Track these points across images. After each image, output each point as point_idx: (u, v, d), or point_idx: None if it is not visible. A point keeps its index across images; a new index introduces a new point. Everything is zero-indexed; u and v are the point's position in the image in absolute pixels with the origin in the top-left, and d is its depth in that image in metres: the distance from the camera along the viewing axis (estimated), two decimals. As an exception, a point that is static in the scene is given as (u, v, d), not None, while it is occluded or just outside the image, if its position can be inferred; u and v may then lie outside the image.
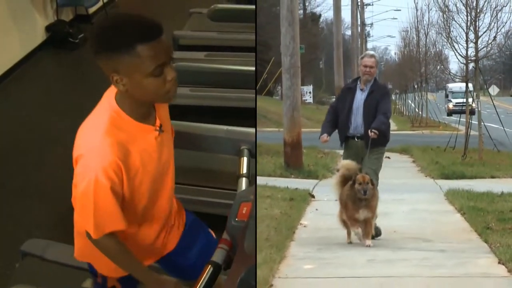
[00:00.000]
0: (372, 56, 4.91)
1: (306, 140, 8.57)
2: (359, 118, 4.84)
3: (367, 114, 4.80)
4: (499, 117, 11.56)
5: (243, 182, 3.98)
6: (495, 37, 9.88)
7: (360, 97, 4.87)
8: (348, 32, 24.68)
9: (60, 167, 2.79)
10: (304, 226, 5.18)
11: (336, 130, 4.94)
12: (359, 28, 23.46)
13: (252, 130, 4.55)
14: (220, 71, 7.83)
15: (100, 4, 11.76)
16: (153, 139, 2.96)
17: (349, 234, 4.57)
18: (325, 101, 26.37)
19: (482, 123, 9.84)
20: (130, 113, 2.84)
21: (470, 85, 10.66)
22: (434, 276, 3.87)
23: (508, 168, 8.71)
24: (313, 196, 6.44)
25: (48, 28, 10.71)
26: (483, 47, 9.82)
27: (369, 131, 4.66)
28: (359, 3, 23.04)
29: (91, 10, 11.85)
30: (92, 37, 2.70)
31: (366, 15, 25.21)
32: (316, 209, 5.86)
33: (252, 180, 4.00)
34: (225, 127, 4.64)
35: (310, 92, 24.22)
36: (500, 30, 9.88)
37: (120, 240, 3.04)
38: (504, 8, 9.64)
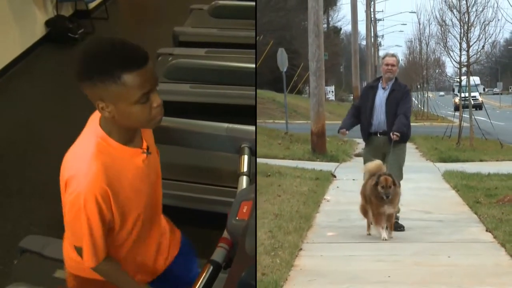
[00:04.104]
0: (393, 55, 4.34)
1: (329, 130, 8.52)
2: (381, 115, 4.26)
3: (389, 111, 4.24)
4: (486, 111, 11.47)
5: (244, 181, 3.51)
6: (483, 46, 9.95)
7: (382, 95, 4.28)
8: (363, 42, 24.60)
9: (59, 165, 2.34)
10: (327, 201, 5.15)
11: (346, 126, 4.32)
12: (372, 39, 23.34)
13: (253, 128, 3.97)
14: (220, 68, 6.50)
15: (100, -1, 10.27)
16: (141, 162, 2.47)
17: (368, 226, 4.06)
18: (344, 99, 26.27)
19: (473, 116, 9.78)
20: (117, 138, 2.37)
21: (477, 79, 10.60)
22: (434, 241, 3.83)
23: (494, 153, 8.65)
24: (334, 176, 6.40)
25: (47, 23, 9.17)
26: (474, 55, 9.85)
27: (391, 134, 4.14)
28: (372, 19, 22.91)
29: (91, 5, 10.09)
30: (76, 63, 2.22)
31: (378, 28, 25.12)
32: (337, 187, 5.82)
33: (252, 179, 3.54)
34: (225, 125, 4.01)
35: (332, 91, 24.14)
36: (488, 40, 9.93)
37: (114, 260, 2.60)
38: (490, 22, 9.73)
